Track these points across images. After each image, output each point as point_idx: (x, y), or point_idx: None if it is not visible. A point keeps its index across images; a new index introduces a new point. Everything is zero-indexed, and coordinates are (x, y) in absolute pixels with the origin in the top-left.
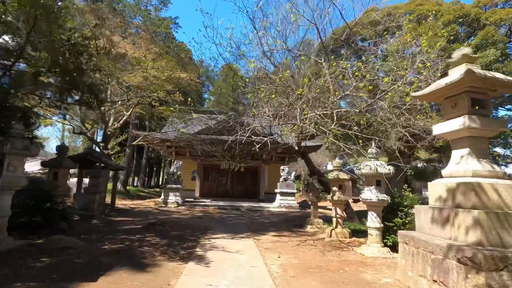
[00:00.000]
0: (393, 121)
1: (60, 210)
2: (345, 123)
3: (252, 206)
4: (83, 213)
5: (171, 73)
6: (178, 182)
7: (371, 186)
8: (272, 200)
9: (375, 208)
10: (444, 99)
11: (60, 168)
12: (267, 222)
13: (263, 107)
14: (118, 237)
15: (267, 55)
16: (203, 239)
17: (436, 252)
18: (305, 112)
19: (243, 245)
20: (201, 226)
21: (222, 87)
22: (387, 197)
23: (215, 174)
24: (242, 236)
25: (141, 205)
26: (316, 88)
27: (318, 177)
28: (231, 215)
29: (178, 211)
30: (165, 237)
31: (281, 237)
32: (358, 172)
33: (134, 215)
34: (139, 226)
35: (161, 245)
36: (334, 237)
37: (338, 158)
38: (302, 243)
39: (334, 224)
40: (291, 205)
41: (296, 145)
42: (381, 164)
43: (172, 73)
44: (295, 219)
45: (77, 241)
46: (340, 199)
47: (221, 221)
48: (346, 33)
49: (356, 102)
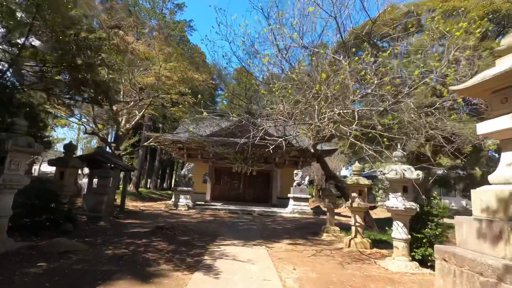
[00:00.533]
0: (421, 121)
1: (66, 211)
2: (367, 122)
3: (264, 211)
4: (91, 215)
5: (183, 73)
6: (189, 185)
7: (397, 193)
8: (284, 205)
9: (402, 217)
10: (490, 93)
11: (66, 167)
12: (280, 228)
13: (277, 105)
14: (123, 240)
15: (283, 53)
16: (212, 245)
17: (487, 274)
18: (323, 110)
19: (255, 254)
20: (211, 231)
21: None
22: (415, 205)
23: (226, 177)
24: (254, 244)
25: (152, 207)
26: (335, 85)
27: (334, 182)
28: (242, 220)
29: (188, 214)
30: (172, 243)
31: (296, 246)
32: (382, 177)
33: (143, 218)
34: (146, 230)
35: (167, 251)
36: (353, 247)
37: (357, 162)
38: (318, 253)
39: (353, 233)
40: (304, 211)
41: (312, 147)
42: (408, 169)
43: (184, 73)
44: (309, 225)
45: (79, 244)
46: (360, 206)
47: (232, 226)
48: (367, 28)
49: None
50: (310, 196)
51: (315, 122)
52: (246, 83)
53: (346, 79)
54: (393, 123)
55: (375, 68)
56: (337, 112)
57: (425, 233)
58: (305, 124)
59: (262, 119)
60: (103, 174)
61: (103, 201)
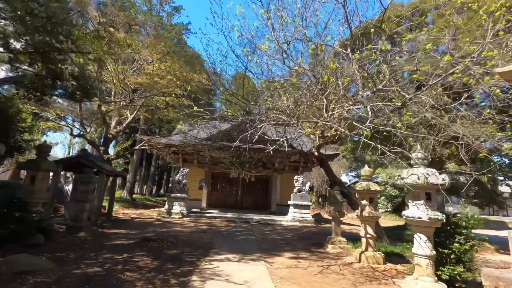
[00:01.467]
0: (444, 119)
1: (36, 221)
2: (383, 118)
3: (263, 219)
4: (70, 224)
5: (177, 72)
6: (183, 191)
7: (419, 201)
8: (284, 212)
9: (425, 229)
10: None
11: (38, 170)
12: (280, 238)
13: (279, 99)
14: (100, 256)
15: (283, 48)
16: (204, 261)
17: None
18: (332, 106)
19: (253, 272)
20: (204, 242)
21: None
22: (441, 215)
23: (223, 183)
24: (251, 258)
25: (144, 215)
26: (345, 78)
27: (340, 188)
28: (239, 229)
29: (182, 223)
30: (158, 258)
31: (299, 260)
32: (401, 183)
33: (131, 227)
34: (131, 242)
35: (149, 270)
36: (364, 262)
37: (366, 166)
38: (325, 269)
39: (364, 246)
40: (305, 219)
41: (316, 149)
42: (432, 173)
43: (179, 73)
44: (311, 235)
45: (43, 262)
46: (372, 215)
47: (228, 237)
48: (378, 17)
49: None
50: (311, 203)
51: (323, 119)
52: (244, 80)
53: (355, 74)
54: (411, 121)
55: (389, 59)
56: (347, 109)
57: (454, 248)
58: (310, 122)
59: (261, 116)
60: (84, 179)
61: (84, 209)
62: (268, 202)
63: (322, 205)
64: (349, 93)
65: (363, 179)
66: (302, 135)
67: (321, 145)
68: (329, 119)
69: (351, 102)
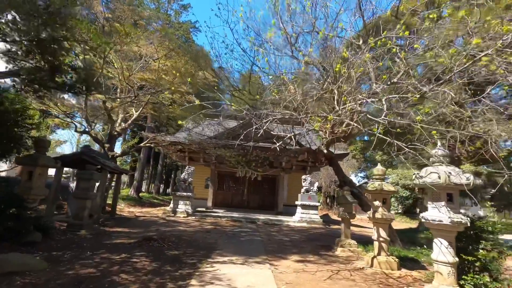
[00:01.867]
0: (466, 113)
1: (33, 218)
2: (398, 112)
3: (269, 219)
4: (71, 222)
5: (183, 68)
6: (189, 190)
7: (440, 202)
8: (291, 213)
9: (446, 233)
10: None
11: (35, 166)
12: (287, 240)
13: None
14: (97, 255)
15: (291, 41)
16: (205, 263)
17: None
18: (344, 98)
19: (257, 277)
20: (208, 243)
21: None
22: (465, 218)
23: (230, 182)
24: (256, 261)
25: (149, 213)
26: (357, 68)
27: (350, 188)
28: (245, 229)
29: (186, 222)
30: (157, 259)
31: (306, 264)
32: (419, 182)
33: (134, 226)
34: (132, 241)
35: (146, 272)
36: (377, 267)
37: (379, 165)
38: (335, 274)
39: (376, 250)
40: (313, 220)
41: (324, 147)
42: (455, 172)
43: (184, 69)
44: (319, 237)
45: (36, 262)
46: (385, 217)
47: (233, 237)
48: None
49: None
50: (319, 203)
51: (335, 112)
52: (250, 75)
53: (367, 66)
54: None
55: (407, 47)
56: (359, 102)
57: (479, 255)
58: (320, 116)
59: (267, 110)
60: (85, 175)
61: (85, 206)
62: (275, 202)
63: (330, 206)
64: (362, 86)
65: (375, 178)
66: (310, 131)
67: (330, 142)
68: (341, 113)
69: (365, 95)
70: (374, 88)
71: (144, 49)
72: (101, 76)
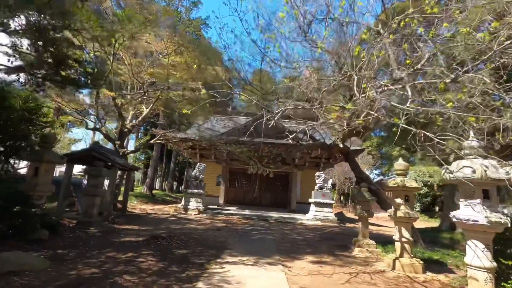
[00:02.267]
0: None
1: (39, 215)
2: (427, 98)
3: (282, 217)
4: (81, 219)
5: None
6: (200, 187)
7: (474, 200)
8: (305, 211)
9: (483, 235)
10: None
11: (41, 162)
12: (300, 239)
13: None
14: (103, 254)
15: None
16: (214, 264)
17: None
18: (364, 85)
19: (269, 280)
20: (218, 241)
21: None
22: (505, 218)
23: (242, 179)
24: (268, 261)
25: (160, 210)
26: (379, 51)
27: (367, 185)
28: (257, 227)
29: (198, 219)
30: (164, 258)
31: (322, 266)
32: (449, 177)
33: (144, 223)
34: (140, 239)
35: (151, 273)
36: (399, 270)
37: (401, 159)
38: (354, 277)
39: (399, 251)
40: (327, 218)
41: (340, 141)
42: (492, 165)
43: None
44: (335, 236)
45: (38, 261)
46: (408, 216)
47: (244, 235)
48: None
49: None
50: (333, 201)
51: (354, 100)
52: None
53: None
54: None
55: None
56: (379, 90)
57: None
58: (336, 106)
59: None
60: (93, 172)
61: (94, 203)
62: (288, 199)
63: (344, 204)
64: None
65: (396, 174)
66: (324, 124)
67: (347, 135)
68: (360, 101)
69: (387, 81)
70: (397, 74)
71: (154, 45)
72: (111, 72)
